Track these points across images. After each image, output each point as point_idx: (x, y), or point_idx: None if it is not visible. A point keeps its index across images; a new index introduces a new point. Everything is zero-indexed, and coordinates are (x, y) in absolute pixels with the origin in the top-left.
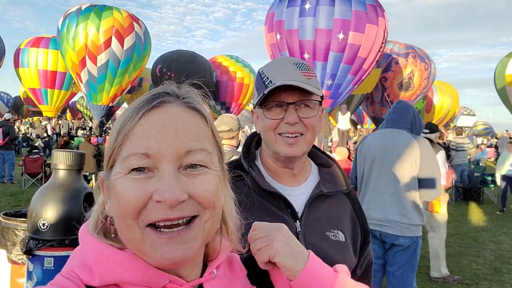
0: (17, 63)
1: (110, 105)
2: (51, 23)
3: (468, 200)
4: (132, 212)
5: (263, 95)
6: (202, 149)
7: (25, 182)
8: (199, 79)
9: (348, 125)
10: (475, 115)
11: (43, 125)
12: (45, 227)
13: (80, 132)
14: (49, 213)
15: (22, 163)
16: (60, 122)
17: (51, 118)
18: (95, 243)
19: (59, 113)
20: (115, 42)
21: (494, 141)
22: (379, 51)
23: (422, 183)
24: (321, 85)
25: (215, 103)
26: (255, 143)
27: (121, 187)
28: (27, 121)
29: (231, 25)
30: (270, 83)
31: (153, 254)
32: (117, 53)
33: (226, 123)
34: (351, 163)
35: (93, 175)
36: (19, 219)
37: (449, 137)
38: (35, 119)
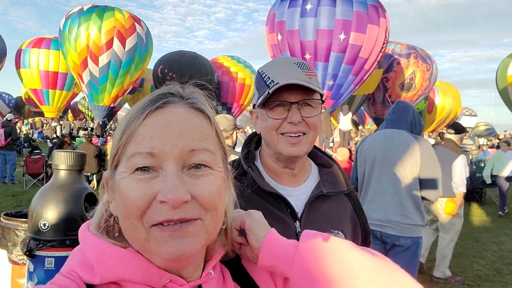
0: (18, 64)
1: (111, 105)
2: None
3: (470, 201)
4: (136, 212)
5: (268, 94)
6: (205, 149)
7: (26, 182)
8: (202, 78)
9: (349, 126)
10: (476, 116)
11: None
12: (46, 227)
13: (81, 132)
14: (50, 214)
15: (23, 163)
16: (61, 122)
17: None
18: (97, 241)
19: (61, 114)
20: (117, 43)
21: (496, 142)
22: (380, 52)
23: (423, 183)
24: (322, 85)
25: (216, 104)
26: (254, 143)
27: (125, 187)
28: (26, 122)
29: (232, 26)
30: (272, 82)
31: (158, 250)
32: (119, 54)
33: (219, 123)
34: (352, 164)
35: (94, 176)
36: (20, 219)
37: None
38: (36, 119)
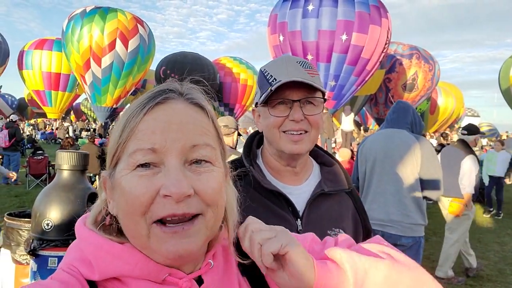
0: (21, 65)
1: (114, 106)
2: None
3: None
4: (140, 208)
5: (270, 91)
6: (207, 144)
7: (29, 183)
8: (202, 75)
9: (351, 126)
10: (479, 116)
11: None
12: (49, 227)
13: (84, 133)
14: (53, 213)
15: (26, 164)
16: (64, 124)
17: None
18: (94, 237)
19: (63, 115)
20: (119, 44)
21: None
22: (382, 52)
23: (424, 183)
24: (324, 86)
25: (218, 105)
26: (256, 142)
27: (127, 184)
28: (27, 123)
29: (234, 27)
30: (274, 80)
31: (159, 248)
32: (121, 55)
33: (222, 120)
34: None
35: (97, 176)
36: (23, 219)
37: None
38: (39, 120)
